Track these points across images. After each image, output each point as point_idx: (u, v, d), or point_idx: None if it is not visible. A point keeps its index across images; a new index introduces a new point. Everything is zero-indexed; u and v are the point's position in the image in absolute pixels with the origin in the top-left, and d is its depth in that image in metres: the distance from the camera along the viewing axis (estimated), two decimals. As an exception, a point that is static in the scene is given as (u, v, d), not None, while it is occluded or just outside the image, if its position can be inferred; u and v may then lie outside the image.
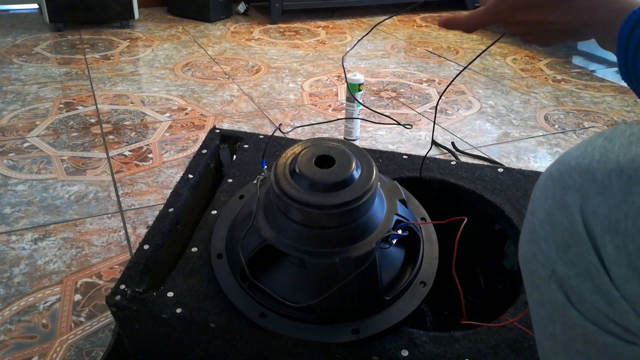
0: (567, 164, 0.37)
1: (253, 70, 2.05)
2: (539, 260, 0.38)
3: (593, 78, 2.08)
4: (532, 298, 0.41)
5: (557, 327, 0.39)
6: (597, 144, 0.36)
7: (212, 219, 0.77)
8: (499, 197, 0.82)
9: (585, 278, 0.35)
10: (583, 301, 0.35)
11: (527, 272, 0.41)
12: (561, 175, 0.37)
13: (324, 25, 2.79)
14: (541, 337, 0.42)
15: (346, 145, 0.67)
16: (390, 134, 1.54)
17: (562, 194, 0.36)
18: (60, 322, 0.85)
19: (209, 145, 0.93)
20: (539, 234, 0.38)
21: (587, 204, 0.34)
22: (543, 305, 0.40)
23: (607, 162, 0.34)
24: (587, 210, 0.34)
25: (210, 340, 0.66)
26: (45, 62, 2.04)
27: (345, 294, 0.61)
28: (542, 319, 0.41)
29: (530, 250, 0.39)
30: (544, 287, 0.38)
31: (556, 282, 0.37)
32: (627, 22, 0.39)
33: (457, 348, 0.59)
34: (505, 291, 0.80)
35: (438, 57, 2.29)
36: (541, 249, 0.38)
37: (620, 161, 0.34)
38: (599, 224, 0.33)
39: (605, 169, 0.34)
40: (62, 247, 1.02)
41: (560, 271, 0.36)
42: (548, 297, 0.38)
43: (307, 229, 0.62)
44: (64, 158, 1.34)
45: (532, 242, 0.39)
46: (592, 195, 0.34)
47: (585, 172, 0.35)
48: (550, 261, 0.37)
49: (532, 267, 0.39)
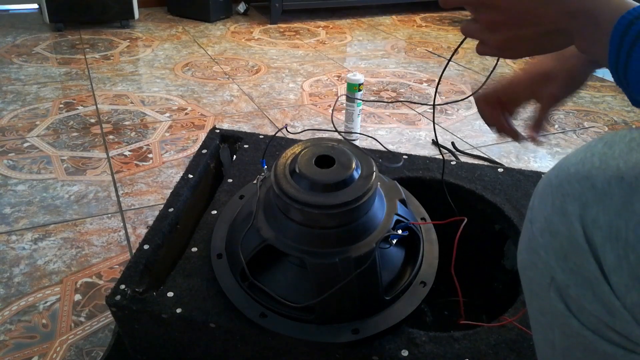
0: (566, 171, 0.36)
1: (253, 70, 2.05)
2: (538, 268, 0.37)
3: (593, 78, 2.08)
4: (532, 306, 0.41)
5: (557, 335, 0.38)
6: (597, 150, 0.35)
7: (212, 219, 0.77)
8: (499, 197, 0.82)
9: (585, 287, 0.34)
10: (583, 310, 0.35)
11: (526, 280, 0.40)
12: (560, 182, 0.36)
13: (324, 25, 2.79)
14: (540, 344, 0.42)
15: (346, 145, 0.67)
16: (390, 134, 1.54)
17: (562, 202, 0.35)
18: (60, 322, 0.85)
19: (209, 145, 0.93)
20: (538, 242, 0.37)
21: (586, 212, 0.34)
22: (542, 313, 0.39)
23: (607, 169, 0.33)
24: (587, 219, 0.34)
25: (210, 340, 0.66)
26: (45, 62, 2.04)
27: (345, 294, 0.61)
28: (541, 327, 0.40)
29: (529, 258, 0.39)
30: (544, 296, 0.38)
31: (556, 290, 0.36)
32: (617, 27, 0.37)
33: (457, 348, 0.59)
34: (505, 291, 0.80)
35: (438, 57, 2.29)
36: (540, 258, 0.37)
37: (620, 168, 0.33)
38: (599, 233, 0.33)
39: (605, 176, 0.33)
40: (62, 247, 1.02)
41: (560, 280, 0.36)
42: (547, 305, 0.38)
43: (307, 229, 0.62)
44: (64, 158, 1.34)
45: (531, 250, 0.38)
46: (592, 203, 0.33)
47: (584, 180, 0.34)
48: (549, 270, 0.36)
49: (531, 275, 0.39)
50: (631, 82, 0.37)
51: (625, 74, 0.37)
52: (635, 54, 0.36)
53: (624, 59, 0.36)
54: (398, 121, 1.63)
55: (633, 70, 0.36)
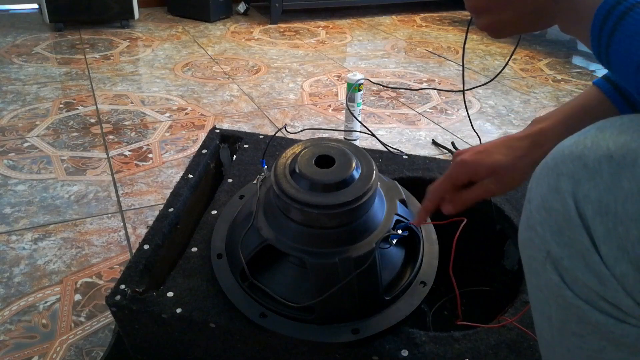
0: (561, 153, 0.39)
1: (253, 70, 2.05)
2: (535, 244, 0.40)
3: (593, 78, 2.08)
4: (531, 282, 0.43)
5: (553, 308, 0.40)
6: (590, 134, 0.38)
7: (212, 219, 0.77)
8: (499, 197, 0.82)
9: (577, 258, 0.36)
10: (576, 281, 0.37)
11: (525, 257, 0.43)
12: (555, 163, 0.38)
13: (324, 25, 2.79)
14: (539, 320, 0.44)
15: (346, 145, 0.67)
16: (390, 134, 1.54)
17: (556, 181, 0.38)
18: (60, 322, 0.85)
19: (209, 145, 0.93)
20: (535, 219, 0.40)
21: (579, 188, 0.36)
22: (540, 289, 0.41)
23: (598, 149, 0.36)
24: (579, 195, 0.36)
25: (210, 340, 0.66)
26: (45, 62, 2.04)
27: (345, 294, 0.61)
28: (539, 303, 0.42)
29: (527, 235, 0.41)
30: (540, 270, 0.40)
31: (551, 263, 0.39)
32: (599, 11, 0.39)
33: (457, 348, 0.59)
34: (505, 291, 0.80)
35: (438, 57, 2.29)
36: (537, 233, 0.39)
37: (610, 148, 0.35)
38: (590, 207, 0.35)
39: (596, 156, 0.36)
40: (62, 247, 1.02)
41: (555, 253, 0.38)
42: (544, 279, 0.40)
43: (307, 229, 0.62)
44: (64, 158, 1.34)
45: (529, 227, 0.41)
46: (584, 180, 0.36)
47: (577, 159, 0.37)
48: (545, 244, 0.39)
49: (529, 252, 0.41)
50: (613, 63, 0.39)
51: (607, 54, 0.39)
52: (615, 37, 0.38)
53: (606, 40, 0.39)
54: (398, 121, 1.63)
55: (614, 50, 0.38)
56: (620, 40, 0.37)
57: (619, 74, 0.39)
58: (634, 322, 0.35)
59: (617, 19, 0.37)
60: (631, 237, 0.33)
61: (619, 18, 0.37)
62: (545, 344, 0.44)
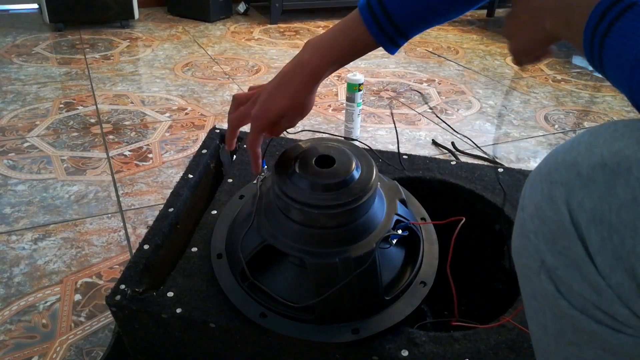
0: (554, 160, 0.38)
1: (253, 70, 2.05)
2: (529, 252, 0.39)
3: (593, 78, 2.08)
4: (525, 291, 0.43)
5: (548, 317, 0.40)
6: (583, 140, 0.37)
7: (212, 219, 0.77)
8: (499, 197, 0.82)
9: (572, 268, 0.36)
10: (571, 290, 0.36)
11: (519, 266, 0.42)
12: (549, 170, 0.38)
13: (324, 25, 2.79)
14: (534, 329, 0.44)
15: (346, 145, 0.67)
16: (390, 134, 1.54)
17: (550, 188, 0.37)
18: (60, 322, 0.85)
19: (209, 145, 0.93)
20: (528, 228, 0.39)
21: (572, 197, 0.35)
22: (535, 297, 0.41)
23: (592, 156, 0.35)
24: (573, 203, 0.35)
25: (210, 340, 0.66)
26: (45, 62, 2.04)
27: (345, 294, 0.61)
28: (534, 311, 0.42)
29: (521, 244, 0.40)
30: (535, 279, 0.39)
31: (546, 273, 0.38)
32: (591, 19, 0.38)
33: (457, 348, 0.59)
34: (505, 291, 0.80)
35: (438, 57, 2.29)
36: (531, 242, 0.39)
37: (604, 155, 0.35)
38: (584, 216, 0.35)
39: (590, 163, 0.35)
40: (62, 247, 1.02)
41: (549, 262, 0.37)
42: (539, 288, 0.39)
43: (307, 228, 0.62)
44: (64, 158, 1.34)
45: (523, 235, 0.40)
46: (578, 188, 0.35)
47: (570, 167, 0.36)
48: (539, 253, 0.38)
49: (523, 260, 0.41)
50: (606, 64, 0.38)
51: (601, 56, 0.38)
52: (609, 37, 0.37)
53: (598, 41, 0.38)
54: (398, 121, 1.63)
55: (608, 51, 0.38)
56: (614, 40, 0.37)
57: (613, 76, 0.38)
58: (630, 331, 0.35)
59: (613, 19, 0.37)
60: (626, 246, 0.33)
61: (614, 18, 0.36)
62: (541, 352, 0.44)
